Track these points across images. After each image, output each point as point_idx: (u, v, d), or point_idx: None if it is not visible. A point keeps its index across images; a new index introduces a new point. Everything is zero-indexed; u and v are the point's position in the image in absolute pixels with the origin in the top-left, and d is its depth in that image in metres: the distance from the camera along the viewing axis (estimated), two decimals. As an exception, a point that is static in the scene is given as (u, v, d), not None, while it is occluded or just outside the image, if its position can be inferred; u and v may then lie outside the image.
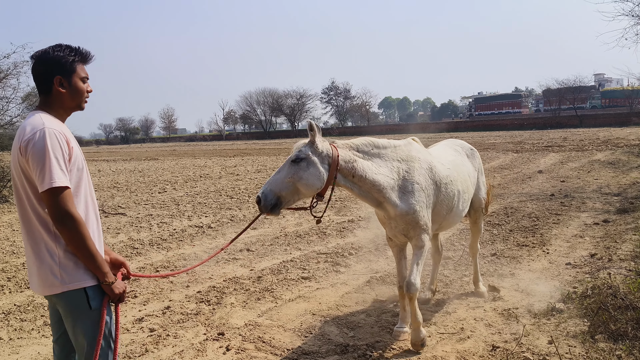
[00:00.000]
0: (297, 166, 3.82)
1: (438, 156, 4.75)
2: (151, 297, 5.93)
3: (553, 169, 18.24)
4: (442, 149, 5.17)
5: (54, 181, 2.42)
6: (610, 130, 48.77)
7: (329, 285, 6.20)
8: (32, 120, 2.54)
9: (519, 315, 4.99)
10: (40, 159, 2.43)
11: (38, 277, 2.57)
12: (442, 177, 4.46)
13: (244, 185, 16.77)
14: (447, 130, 73.99)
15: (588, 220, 9.31)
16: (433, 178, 4.37)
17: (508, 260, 6.93)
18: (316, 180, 3.83)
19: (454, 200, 4.62)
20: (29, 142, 2.46)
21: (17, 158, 2.53)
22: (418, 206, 4.17)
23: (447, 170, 4.60)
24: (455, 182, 4.61)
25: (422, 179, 4.25)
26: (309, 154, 3.85)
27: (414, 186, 4.18)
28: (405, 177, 4.19)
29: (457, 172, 4.77)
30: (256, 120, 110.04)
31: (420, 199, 4.19)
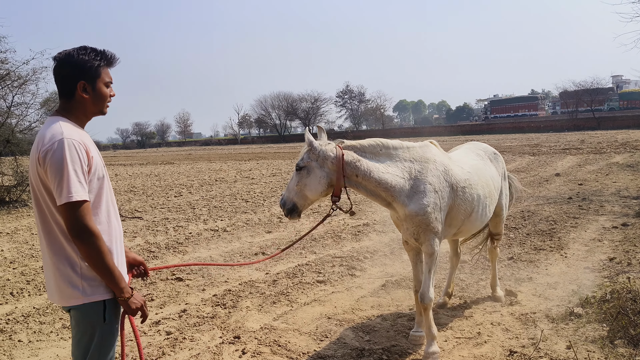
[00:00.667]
0: (300, 174, 4.01)
1: (458, 160, 4.68)
2: (168, 301, 5.97)
3: (571, 171, 18.03)
4: (463, 153, 5.10)
5: (72, 195, 2.35)
6: (629, 132, 48.05)
7: (344, 289, 6.20)
8: (52, 128, 2.44)
9: (537, 320, 4.94)
10: (59, 171, 2.36)
11: (57, 288, 2.51)
12: (460, 180, 4.37)
13: (259, 189, 16.84)
14: (462, 133, 73.55)
15: (607, 223, 9.18)
16: (449, 180, 4.27)
17: (525, 264, 6.86)
18: (317, 185, 3.97)
19: (473, 205, 4.52)
20: (47, 153, 2.38)
21: (36, 167, 2.45)
22: (430, 207, 4.08)
23: (467, 174, 4.51)
24: (475, 186, 4.53)
25: (435, 180, 4.17)
26: (308, 161, 4.00)
27: (426, 186, 4.10)
28: (418, 177, 4.13)
29: (478, 177, 4.66)
30: (271, 124, 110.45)
31: (432, 200, 4.10)
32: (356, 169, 4.01)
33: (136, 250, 8.53)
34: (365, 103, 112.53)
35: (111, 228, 2.62)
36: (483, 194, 4.65)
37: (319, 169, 3.97)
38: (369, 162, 4.06)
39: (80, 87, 2.52)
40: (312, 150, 3.99)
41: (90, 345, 2.53)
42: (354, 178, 4.04)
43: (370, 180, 4.03)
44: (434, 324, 4.33)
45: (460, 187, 4.37)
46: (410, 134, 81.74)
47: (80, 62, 2.51)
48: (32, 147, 2.51)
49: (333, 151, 4.00)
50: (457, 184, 4.35)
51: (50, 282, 2.56)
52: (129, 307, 2.56)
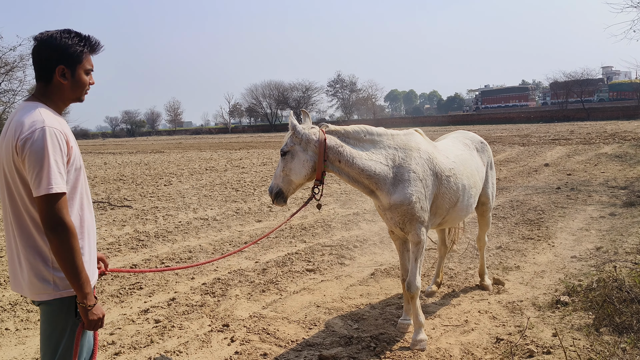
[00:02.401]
0: (284, 159, 4.03)
1: (443, 149, 4.70)
2: (156, 289, 5.96)
3: (560, 162, 18.15)
4: (450, 142, 5.10)
5: (51, 187, 2.23)
6: (618, 123, 48.42)
7: (333, 277, 6.21)
8: (32, 115, 2.30)
9: (524, 308, 4.98)
10: (38, 161, 2.22)
11: (27, 281, 2.39)
12: (444, 169, 4.36)
13: (250, 178, 16.79)
14: (453, 123, 73.73)
15: (594, 213, 9.26)
16: (433, 169, 4.26)
17: (513, 253, 6.91)
18: (301, 169, 3.98)
19: (459, 194, 4.53)
20: (27, 141, 2.24)
21: (12, 155, 2.30)
22: (414, 197, 4.06)
23: (452, 164, 4.52)
24: (460, 176, 4.54)
25: (419, 169, 4.14)
26: (292, 146, 4.00)
27: (410, 175, 4.08)
28: (402, 164, 4.11)
29: (464, 166, 4.68)
30: (262, 113, 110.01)
31: (416, 188, 4.08)
32: (339, 154, 4.00)
33: (125, 239, 8.49)
34: (356, 92, 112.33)
35: (84, 221, 2.49)
36: (468, 183, 4.66)
37: (303, 152, 3.97)
38: (352, 149, 4.04)
39: (59, 72, 2.40)
40: (296, 134, 3.99)
41: (61, 341, 2.40)
42: (337, 164, 4.03)
43: (353, 166, 4.02)
44: (421, 312, 4.35)
45: (445, 176, 4.37)
46: (401, 123, 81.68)
47: (62, 45, 2.39)
48: (8, 132, 2.34)
49: (316, 134, 3.99)
50: (441, 173, 4.33)
51: (17, 274, 2.44)
52: (87, 317, 2.35)
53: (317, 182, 4.05)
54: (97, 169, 23.57)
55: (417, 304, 4.31)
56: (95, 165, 26.03)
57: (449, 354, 4.12)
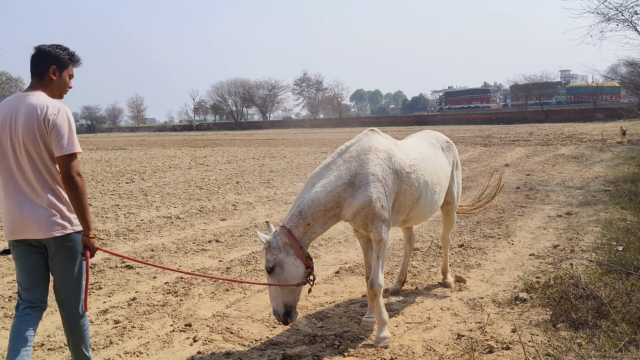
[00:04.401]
0: (274, 274, 3.97)
1: (405, 146, 4.76)
2: (116, 289, 5.81)
3: (519, 162, 18.63)
4: (414, 141, 5.17)
5: (74, 147, 3.14)
6: (575, 125, 50.07)
7: (298, 276, 6.19)
8: (46, 99, 3.19)
9: (484, 305, 5.08)
10: (63, 130, 3.13)
11: (46, 221, 3.14)
12: (405, 166, 4.43)
13: (214, 176, 16.60)
14: (418, 123, 74.69)
15: (552, 212, 9.54)
16: (392, 167, 4.31)
17: (475, 252, 7.05)
18: (296, 270, 3.98)
19: (421, 190, 4.59)
20: (54, 117, 3.12)
21: (36, 128, 3.11)
22: (374, 196, 4.10)
23: (412, 160, 4.57)
24: (422, 172, 4.61)
25: (378, 169, 4.18)
26: (274, 257, 3.97)
27: (368, 177, 4.12)
28: (359, 171, 4.14)
29: (426, 163, 4.75)
30: (227, 111, 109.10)
31: (375, 189, 4.12)
32: (304, 217, 4.02)
33: (84, 238, 8.25)
34: (322, 91, 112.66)
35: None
36: (431, 180, 4.73)
37: (287, 256, 3.97)
38: (309, 199, 4.05)
39: (52, 70, 3.27)
40: (272, 246, 3.97)
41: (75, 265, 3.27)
42: (308, 227, 4.05)
43: (318, 212, 4.04)
44: (384, 310, 4.39)
45: (405, 172, 4.42)
46: (367, 123, 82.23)
47: (55, 53, 3.29)
48: (24, 114, 3.13)
49: (283, 233, 4.00)
50: (401, 170, 4.39)
51: (30, 219, 3.14)
52: (92, 244, 3.23)
53: (308, 270, 4.04)
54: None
55: (380, 301, 4.34)
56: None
57: (412, 350, 4.16)
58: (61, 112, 3.16)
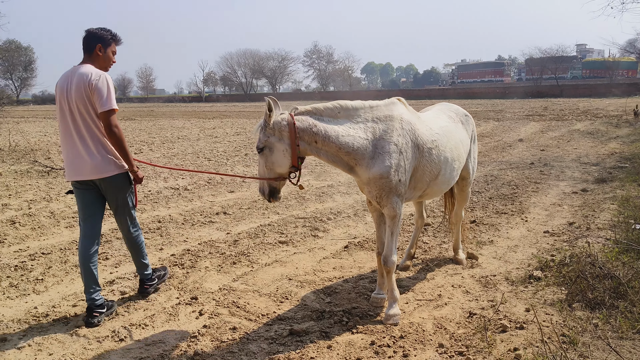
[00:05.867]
0: (263, 155, 3.90)
1: (427, 120, 4.53)
2: (123, 260, 5.75)
3: (533, 137, 18.30)
4: (434, 114, 4.93)
5: (112, 105, 4.04)
6: (590, 100, 49.14)
7: (306, 250, 6.09)
8: (91, 68, 4.11)
9: (497, 283, 4.95)
10: (103, 91, 4.01)
11: (97, 166, 4.10)
12: (427, 141, 4.22)
13: (222, 148, 16.48)
14: (429, 97, 73.77)
15: (567, 189, 9.33)
16: (415, 140, 4.11)
17: (487, 228, 6.89)
18: (284, 159, 3.86)
19: (440, 167, 4.37)
20: (97, 81, 4.01)
21: (83, 90, 4.01)
22: (393, 169, 3.93)
23: (435, 135, 4.35)
24: (443, 148, 4.41)
25: (401, 140, 3.99)
26: (266, 139, 3.85)
27: (390, 147, 3.93)
28: (383, 137, 3.95)
29: (447, 138, 4.53)
30: (236, 83, 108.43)
31: (395, 161, 3.94)
32: (314, 134, 3.84)
33: (91, 208, 8.20)
34: (333, 64, 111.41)
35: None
36: (451, 156, 4.54)
37: (279, 142, 3.83)
38: (327, 126, 3.88)
39: (98, 48, 4.19)
40: (267, 126, 3.83)
41: (125, 195, 4.33)
42: (314, 144, 3.88)
43: (330, 144, 3.87)
44: (396, 287, 4.29)
45: (427, 148, 4.22)
46: (377, 96, 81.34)
47: (100, 34, 4.22)
48: (74, 80, 4.05)
49: (285, 119, 3.83)
50: (423, 145, 4.19)
51: (85, 164, 4.10)
52: (137, 177, 4.39)
53: (292, 168, 3.92)
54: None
55: (392, 278, 4.23)
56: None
57: (422, 328, 4.05)
58: (102, 77, 4.06)
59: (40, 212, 7.90)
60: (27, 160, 13.78)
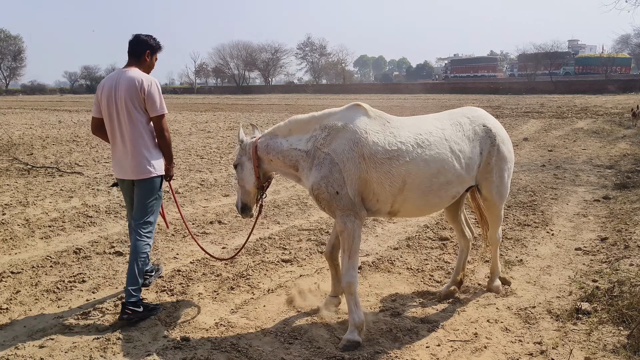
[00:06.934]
0: (237, 171, 4.37)
1: (401, 127, 3.96)
2: (102, 283, 4.98)
3: (538, 136, 17.66)
4: (432, 119, 4.20)
5: (164, 109, 4.31)
6: (585, 97, 48.72)
7: (313, 270, 5.36)
8: (141, 73, 4.29)
9: (539, 318, 4.25)
10: (156, 97, 4.24)
11: (138, 167, 4.26)
12: (380, 150, 3.76)
13: (216, 144, 15.68)
14: (423, 91, 73.16)
15: (587, 196, 8.68)
16: (361, 150, 3.74)
17: (512, 244, 6.20)
18: (250, 176, 4.26)
19: (405, 180, 3.80)
20: (149, 86, 4.21)
21: (134, 94, 4.18)
22: (324, 181, 3.74)
23: (398, 144, 3.83)
24: (409, 159, 3.80)
25: (338, 149, 3.75)
26: (239, 157, 4.35)
27: (324, 157, 3.78)
28: (320, 147, 3.83)
29: (423, 149, 3.85)
30: (229, 74, 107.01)
31: (327, 172, 3.74)
32: (267, 154, 4.12)
33: (71, 215, 7.40)
34: (326, 56, 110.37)
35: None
36: (428, 169, 3.86)
37: (248, 161, 4.24)
38: (277, 144, 4.09)
39: (147, 54, 4.44)
40: (241, 146, 4.31)
41: (153, 202, 4.38)
42: (270, 163, 4.17)
43: (278, 160, 4.09)
44: (355, 309, 3.81)
45: (380, 158, 3.76)
46: (371, 90, 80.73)
47: (150, 42, 4.45)
48: (123, 83, 4.20)
49: (251, 143, 4.24)
50: (374, 155, 3.76)
51: (127, 165, 4.29)
52: (170, 174, 4.57)
53: (261, 190, 4.32)
54: (51, 127, 21.88)
55: (350, 300, 3.82)
56: (49, 123, 24.25)
57: (463, 382, 3.34)
58: (153, 83, 4.28)
59: (15, 220, 7.09)
60: (7, 156, 12.91)
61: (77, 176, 10.45)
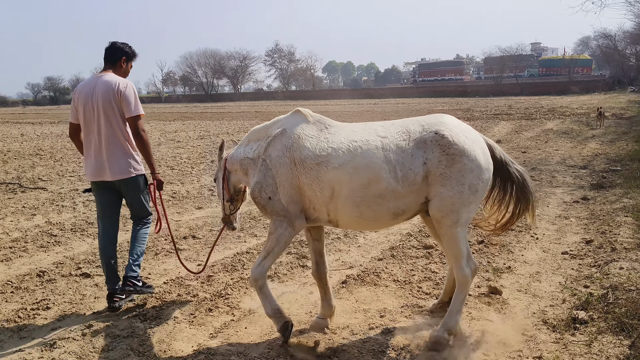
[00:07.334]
0: (216, 184, 4.54)
1: (337, 132, 3.80)
2: (68, 309, 4.59)
3: (510, 138, 17.77)
4: (379, 125, 3.84)
5: (139, 111, 4.44)
6: (551, 98, 49.82)
7: (296, 286, 5.07)
8: (117, 77, 4.48)
9: (535, 328, 4.06)
10: (131, 98, 4.39)
11: (119, 168, 4.40)
12: (311, 156, 3.69)
13: (186, 154, 15.24)
14: (392, 96, 73.64)
15: (565, 197, 8.64)
16: (292, 155, 3.73)
17: (498, 249, 6.04)
18: (222, 189, 4.42)
19: (333, 188, 3.62)
20: (125, 89, 4.38)
21: (112, 97, 4.34)
22: (257, 187, 3.85)
23: (327, 150, 3.69)
24: (336, 165, 3.62)
25: (273, 155, 3.81)
26: (216, 172, 4.54)
27: (260, 162, 3.90)
28: (260, 153, 3.96)
29: (353, 156, 3.62)
30: (197, 83, 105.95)
31: (261, 177, 3.83)
32: (233, 163, 4.25)
33: (33, 234, 6.94)
34: (295, 63, 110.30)
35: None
36: (356, 178, 3.59)
37: (220, 173, 4.41)
38: (239, 151, 4.22)
39: (123, 60, 4.62)
40: (219, 161, 4.47)
41: (141, 196, 4.62)
42: (235, 173, 4.27)
43: (238, 168, 4.20)
44: (268, 303, 3.86)
45: (308, 163, 3.68)
46: (341, 95, 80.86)
47: (126, 49, 4.66)
48: (101, 87, 4.36)
49: (223, 157, 4.38)
50: (304, 160, 3.70)
51: (105, 168, 4.40)
52: (160, 182, 4.70)
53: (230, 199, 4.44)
54: (12, 141, 21.02)
55: (260, 296, 3.90)
56: (11, 137, 23.31)
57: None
58: (129, 85, 4.43)
59: (-30, 241, 6.59)
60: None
61: (40, 192, 9.93)
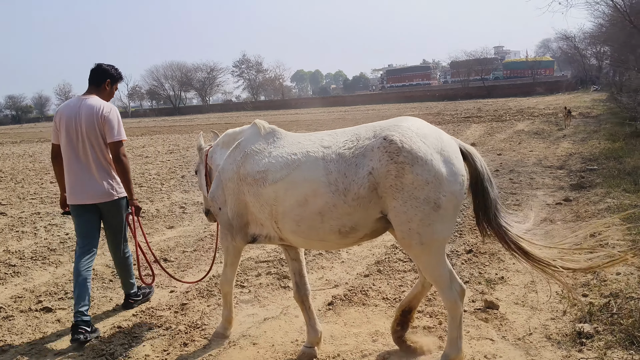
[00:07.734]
0: (197, 176, 4.59)
1: (284, 145, 3.55)
2: (28, 351, 4.10)
3: (484, 141, 17.75)
4: (318, 136, 3.50)
5: (122, 136, 4.45)
6: (518, 100, 50.62)
7: (279, 311, 4.69)
8: (101, 100, 4.51)
9: (539, 346, 3.79)
10: (114, 123, 4.42)
11: (100, 191, 4.43)
12: (253, 171, 3.54)
13: (155, 170, 14.69)
14: (362, 103, 73.88)
15: (548, 199, 8.49)
16: (238, 170, 3.64)
17: (488, 259, 5.78)
18: (204, 183, 4.36)
19: (271, 205, 3.40)
20: (108, 113, 4.42)
21: (95, 121, 4.37)
22: (211, 195, 3.93)
23: (268, 165, 3.48)
24: (272, 181, 3.39)
25: (227, 168, 3.78)
26: (198, 163, 4.53)
27: (217, 175, 3.91)
28: (219, 163, 4.02)
29: (289, 171, 3.34)
30: (164, 96, 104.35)
31: (214, 188, 3.89)
32: (211, 162, 4.23)
33: (-11, 265, 6.38)
34: (263, 73, 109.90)
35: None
36: (290, 195, 3.29)
37: (204, 167, 4.35)
38: (216, 151, 4.18)
39: (107, 83, 4.64)
40: (199, 153, 4.44)
41: (120, 221, 4.64)
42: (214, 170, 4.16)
43: (214, 168, 4.18)
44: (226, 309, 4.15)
45: (251, 179, 3.53)
46: (310, 104, 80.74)
47: (111, 71, 4.66)
48: (85, 111, 4.39)
49: (205, 150, 4.34)
50: (247, 175, 3.57)
51: (88, 189, 4.40)
52: (137, 207, 4.61)
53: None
54: (-31, 163, 20.02)
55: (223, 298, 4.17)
56: None
57: None
58: (112, 110, 4.46)
59: None
60: None
61: (-2, 217, 9.29)
